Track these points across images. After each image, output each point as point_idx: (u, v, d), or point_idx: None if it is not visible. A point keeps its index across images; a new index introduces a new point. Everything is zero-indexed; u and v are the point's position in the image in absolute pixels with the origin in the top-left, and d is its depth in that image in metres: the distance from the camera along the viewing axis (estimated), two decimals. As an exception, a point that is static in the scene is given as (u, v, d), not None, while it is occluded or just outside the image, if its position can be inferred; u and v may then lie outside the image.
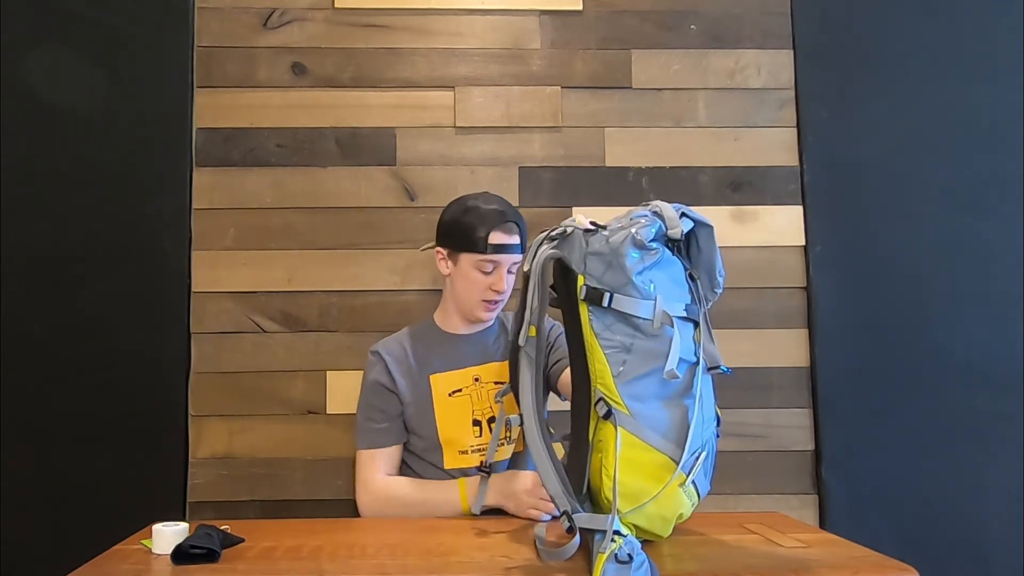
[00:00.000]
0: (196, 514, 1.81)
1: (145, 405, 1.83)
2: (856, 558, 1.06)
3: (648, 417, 1.06)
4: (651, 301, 1.06)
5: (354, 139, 1.95)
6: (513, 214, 1.54)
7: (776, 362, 1.93)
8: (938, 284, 1.95)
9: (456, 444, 1.53)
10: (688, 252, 1.17)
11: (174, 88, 1.92)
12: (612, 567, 0.96)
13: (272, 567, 1.04)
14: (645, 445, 1.05)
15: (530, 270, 1.12)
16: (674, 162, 1.98)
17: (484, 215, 1.52)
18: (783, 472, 1.91)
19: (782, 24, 2.02)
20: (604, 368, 1.07)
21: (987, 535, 1.88)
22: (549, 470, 1.07)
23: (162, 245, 1.88)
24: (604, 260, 1.07)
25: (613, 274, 1.07)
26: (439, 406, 1.54)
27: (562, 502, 1.05)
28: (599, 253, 1.08)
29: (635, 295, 1.06)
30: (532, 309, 1.11)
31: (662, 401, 1.07)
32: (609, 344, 1.07)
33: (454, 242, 1.55)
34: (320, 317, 1.90)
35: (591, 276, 1.08)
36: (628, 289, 1.06)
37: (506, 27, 1.99)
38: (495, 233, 1.50)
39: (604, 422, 1.07)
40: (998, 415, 1.91)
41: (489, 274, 1.52)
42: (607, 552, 0.97)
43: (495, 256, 1.51)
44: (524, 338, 1.11)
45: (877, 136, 1.99)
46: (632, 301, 1.06)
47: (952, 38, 2.02)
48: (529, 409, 1.10)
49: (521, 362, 1.13)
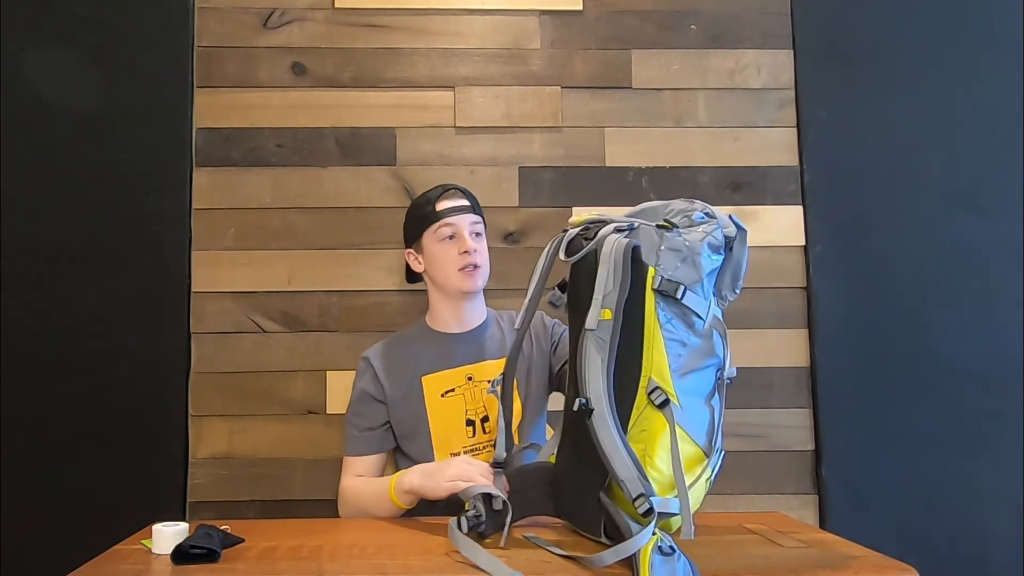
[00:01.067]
0: (196, 514, 1.81)
1: (145, 405, 1.83)
2: (856, 558, 1.06)
3: (691, 411, 1.11)
4: (708, 303, 1.12)
5: (354, 139, 1.95)
6: (455, 185, 1.63)
7: (776, 362, 1.93)
8: (938, 284, 1.95)
9: (449, 445, 1.53)
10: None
11: (174, 88, 1.92)
12: (658, 559, 0.98)
13: (272, 567, 1.04)
14: (688, 437, 1.10)
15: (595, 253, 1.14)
16: (674, 162, 1.98)
17: (427, 195, 1.61)
18: (783, 472, 1.91)
19: (782, 24, 2.02)
20: (663, 359, 1.11)
21: (987, 535, 1.88)
22: (624, 455, 1.07)
23: (162, 245, 1.88)
24: (680, 256, 1.12)
25: (686, 270, 1.12)
26: (432, 407, 1.54)
27: (636, 487, 1.05)
28: (676, 249, 1.13)
29: (700, 295, 1.12)
30: (607, 293, 1.12)
31: (700, 399, 1.12)
32: (671, 337, 1.12)
33: (412, 232, 1.62)
34: (320, 317, 1.90)
35: (663, 269, 1.12)
36: (696, 287, 1.12)
37: (506, 27, 1.99)
38: (440, 201, 1.58)
39: (653, 412, 1.10)
40: (998, 415, 1.91)
41: (452, 239, 1.56)
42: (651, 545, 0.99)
43: (449, 219, 1.56)
44: (595, 321, 1.11)
45: (877, 136, 1.99)
46: (698, 299, 1.12)
47: (952, 38, 2.02)
48: (600, 393, 1.10)
49: (588, 346, 1.12)
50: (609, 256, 1.12)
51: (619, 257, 1.11)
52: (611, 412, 1.09)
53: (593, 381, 1.11)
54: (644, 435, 1.10)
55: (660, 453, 1.08)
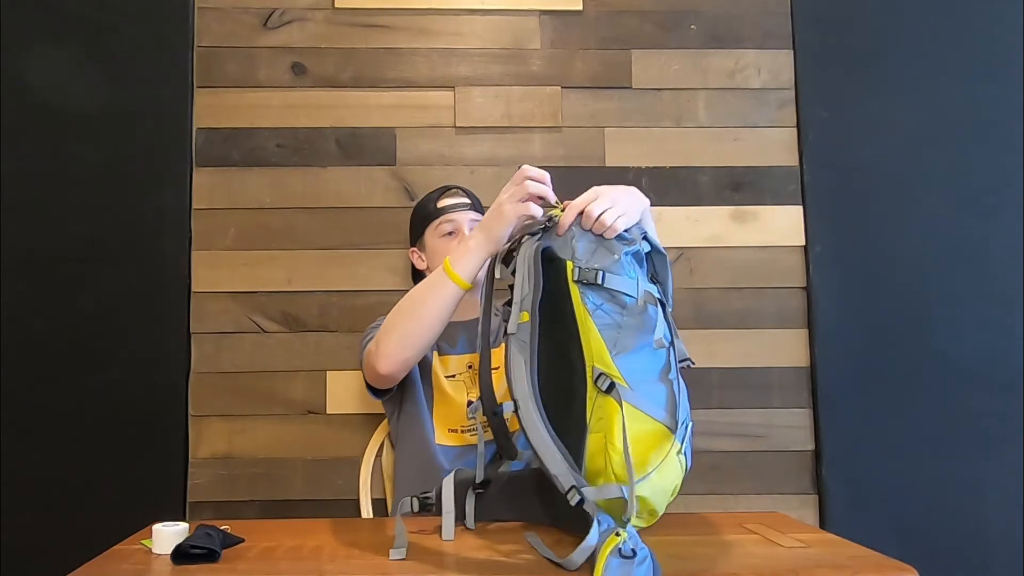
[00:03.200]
0: (196, 514, 1.81)
1: (145, 405, 1.83)
2: (856, 558, 1.06)
3: (643, 390, 1.10)
4: (635, 280, 1.12)
5: (354, 139, 1.95)
6: (456, 186, 1.68)
7: (776, 362, 1.93)
8: (938, 284, 1.95)
9: (448, 421, 1.54)
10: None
11: (174, 88, 1.92)
12: (615, 562, 0.94)
13: (272, 567, 1.04)
14: (644, 415, 1.08)
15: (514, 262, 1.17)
16: (674, 162, 1.98)
17: (429, 195, 1.67)
18: (783, 472, 1.91)
19: (782, 24, 2.02)
20: (600, 345, 1.11)
21: (987, 535, 1.88)
22: (553, 450, 1.08)
23: (162, 245, 1.88)
24: (592, 241, 1.15)
25: (601, 255, 1.14)
26: (437, 382, 1.56)
27: (567, 479, 1.05)
28: (587, 237, 1.15)
29: (622, 274, 1.12)
30: (523, 297, 1.14)
31: (652, 375, 1.11)
32: (602, 322, 1.12)
33: (415, 230, 1.67)
34: (320, 317, 1.90)
35: (579, 259, 1.14)
36: (616, 268, 1.13)
37: (506, 27, 1.99)
38: (442, 199, 1.63)
39: (604, 398, 1.10)
40: (998, 415, 1.91)
41: (451, 235, 1.59)
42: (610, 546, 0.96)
43: (449, 215, 1.60)
44: (515, 325, 1.13)
45: (877, 136, 1.99)
46: (620, 279, 1.12)
47: (952, 38, 2.02)
48: (525, 394, 1.11)
49: (512, 350, 1.14)
50: (523, 262, 1.15)
51: (530, 261, 1.14)
52: (537, 410, 1.10)
53: (518, 382, 1.12)
54: (602, 423, 1.10)
55: (615, 436, 1.07)
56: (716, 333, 1.94)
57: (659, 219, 1.95)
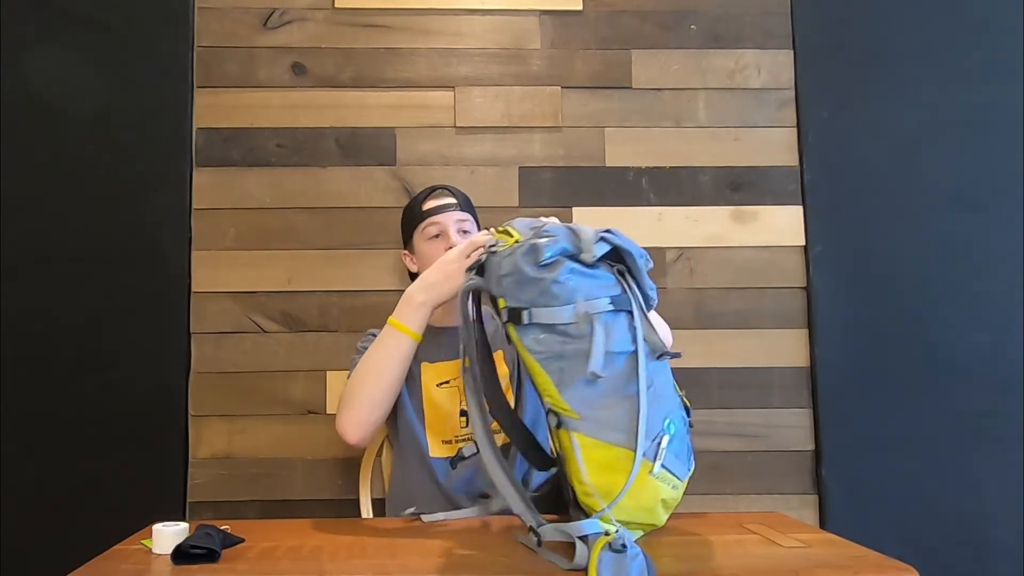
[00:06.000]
0: (196, 514, 1.81)
1: (145, 405, 1.83)
2: (856, 558, 1.06)
3: (597, 415, 1.06)
4: (571, 304, 1.05)
5: (354, 139, 1.95)
6: (443, 185, 1.64)
7: (776, 362, 1.93)
8: (938, 284, 1.95)
9: (441, 433, 1.52)
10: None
11: (174, 88, 1.92)
12: (608, 556, 0.95)
13: (272, 567, 1.04)
14: (599, 443, 1.06)
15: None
16: (674, 162, 1.98)
17: (416, 197, 1.65)
18: (783, 472, 1.91)
19: (782, 24, 2.02)
20: (546, 380, 1.07)
21: (987, 535, 1.88)
22: (511, 492, 1.10)
23: (162, 245, 1.88)
24: (514, 278, 1.08)
25: (528, 289, 1.07)
26: (427, 394, 1.54)
27: (528, 518, 1.08)
28: (508, 273, 1.08)
29: (554, 303, 1.06)
30: (465, 341, 1.15)
31: (608, 397, 1.06)
32: (543, 356, 1.07)
33: (405, 233, 1.66)
34: (320, 317, 1.90)
35: (510, 297, 1.08)
36: (545, 299, 1.06)
37: (506, 27, 1.99)
38: (427, 201, 1.61)
39: (559, 431, 1.09)
40: (998, 415, 1.91)
41: (438, 238, 1.57)
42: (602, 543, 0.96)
43: (435, 218, 1.58)
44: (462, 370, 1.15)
45: (877, 136, 1.99)
46: (550, 311, 1.06)
47: (952, 38, 2.02)
48: (481, 439, 1.14)
49: (467, 391, 1.16)
50: (458, 307, 1.14)
51: (461, 303, 1.13)
52: (493, 453, 1.12)
53: (475, 427, 1.15)
54: (564, 454, 1.09)
55: (577, 469, 1.06)
56: (716, 333, 1.94)
57: (659, 219, 1.96)
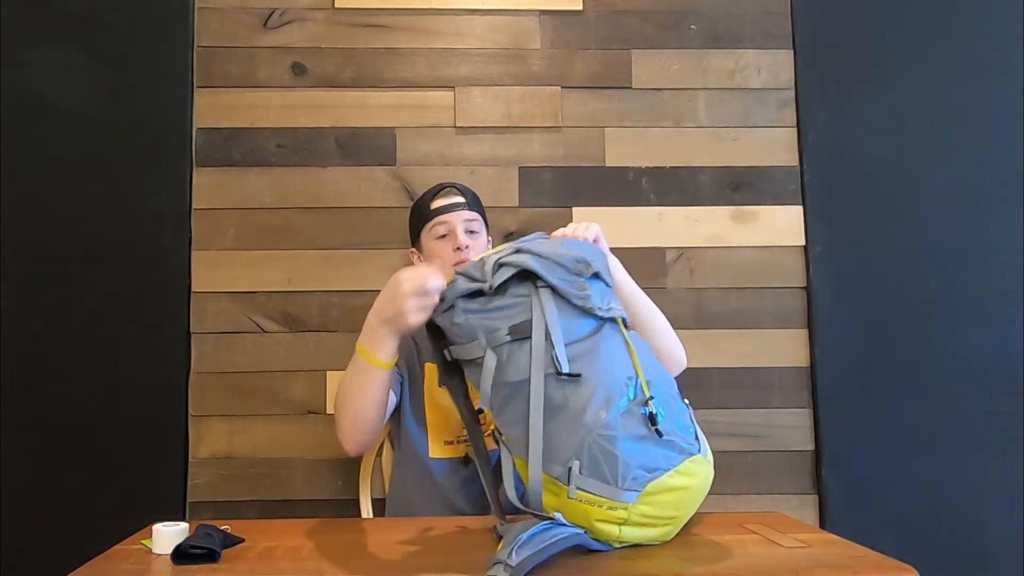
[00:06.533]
0: (196, 514, 1.81)
1: (145, 405, 1.83)
2: (856, 558, 1.06)
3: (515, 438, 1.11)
4: (476, 340, 1.12)
5: (354, 139, 1.95)
6: (452, 183, 1.64)
7: (776, 362, 1.93)
8: (938, 284, 1.95)
9: (443, 433, 1.53)
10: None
11: (174, 88, 1.92)
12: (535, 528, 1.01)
13: (272, 567, 1.04)
14: (523, 463, 1.10)
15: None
16: (674, 162, 1.98)
17: (425, 195, 1.65)
18: (783, 472, 1.91)
19: (782, 24, 2.02)
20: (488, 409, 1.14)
21: (987, 535, 1.88)
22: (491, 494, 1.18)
23: (162, 245, 1.88)
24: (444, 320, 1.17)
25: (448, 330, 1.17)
26: (429, 395, 1.55)
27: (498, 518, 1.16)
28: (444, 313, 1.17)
29: (461, 341, 1.14)
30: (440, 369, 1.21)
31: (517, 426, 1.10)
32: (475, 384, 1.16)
33: (412, 231, 1.66)
34: (320, 317, 1.90)
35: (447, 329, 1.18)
36: (456, 338, 1.15)
37: (506, 27, 1.99)
38: (435, 200, 1.60)
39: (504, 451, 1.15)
40: (998, 415, 1.91)
41: (446, 237, 1.57)
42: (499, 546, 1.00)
43: (442, 217, 1.57)
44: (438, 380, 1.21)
45: (877, 136, 1.99)
46: (460, 348, 1.15)
47: (953, 37, 2.02)
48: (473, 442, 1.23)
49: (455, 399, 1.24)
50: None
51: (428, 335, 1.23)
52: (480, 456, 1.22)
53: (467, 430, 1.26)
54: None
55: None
56: (716, 333, 1.94)
57: (659, 219, 1.96)
